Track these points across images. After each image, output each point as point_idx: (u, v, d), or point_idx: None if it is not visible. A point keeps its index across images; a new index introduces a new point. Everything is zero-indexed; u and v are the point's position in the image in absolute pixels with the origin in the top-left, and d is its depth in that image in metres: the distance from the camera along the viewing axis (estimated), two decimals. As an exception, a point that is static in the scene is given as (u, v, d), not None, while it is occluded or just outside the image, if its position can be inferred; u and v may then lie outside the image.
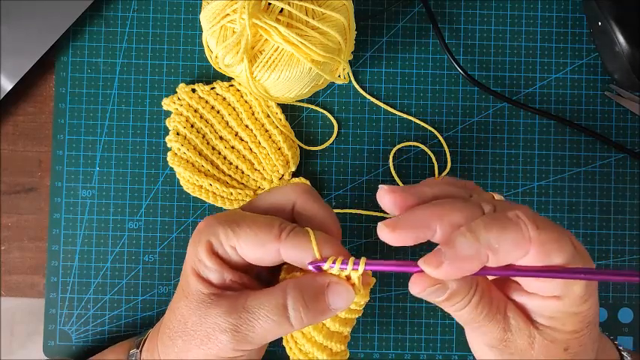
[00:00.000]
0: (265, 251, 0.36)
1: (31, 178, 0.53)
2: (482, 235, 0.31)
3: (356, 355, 0.52)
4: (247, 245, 0.36)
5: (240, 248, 0.36)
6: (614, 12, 0.49)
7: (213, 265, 0.37)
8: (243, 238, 0.36)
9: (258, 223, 0.37)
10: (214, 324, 0.36)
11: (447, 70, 0.53)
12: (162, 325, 0.40)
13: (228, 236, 0.36)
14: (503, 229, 0.31)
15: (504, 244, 0.31)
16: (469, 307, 0.34)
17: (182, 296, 0.37)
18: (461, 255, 0.31)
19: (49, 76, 0.54)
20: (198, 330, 0.36)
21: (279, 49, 0.44)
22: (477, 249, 0.31)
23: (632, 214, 0.53)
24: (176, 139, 0.51)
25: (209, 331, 0.36)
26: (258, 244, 0.36)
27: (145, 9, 0.53)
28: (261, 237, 0.36)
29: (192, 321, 0.37)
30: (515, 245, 0.31)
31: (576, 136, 0.53)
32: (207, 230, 0.37)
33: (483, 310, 0.34)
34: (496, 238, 0.31)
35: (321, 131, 0.53)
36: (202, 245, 0.37)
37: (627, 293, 0.52)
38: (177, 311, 0.37)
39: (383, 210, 0.36)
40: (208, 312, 0.36)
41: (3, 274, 0.53)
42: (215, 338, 0.36)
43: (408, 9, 0.54)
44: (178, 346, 0.38)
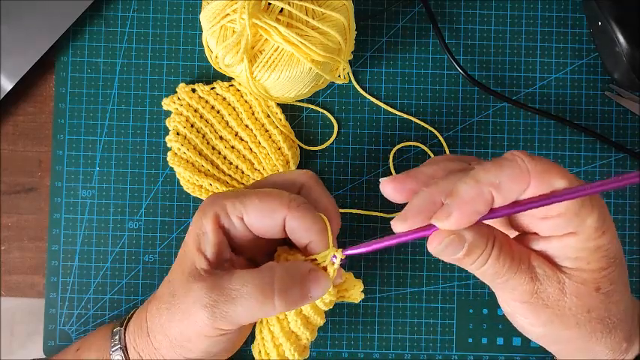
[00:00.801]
0: (273, 219, 0.36)
1: (31, 178, 0.53)
2: (481, 176, 0.32)
3: (356, 355, 0.52)
4: (255, 212, 0.37)
5: (247, 217, 0.37)
6: (614, 12, 0.49)
7: (216, 238, 0.37)
8: (252, 206, 0.37)
9: (267, 192, 0.38)
10: (196, 298, 0.36)
11: (447, 70, 0.53)
12: (154, 296, 0.40)
13: (235, 206, 0.37)
14: (501, 167, 0.32)
15: (505, 180, 0.32)
16: (491, 261, 0.34)
17: (177, 269, 0.38)
18: (465, 199, 0.32)
19: (49, 76, 0.54)
20: (182, 304, 0.36)
21: (279, 49, 0.44)
22: (478, 189, 0.32)
23: (632, 214, 0.53)
24: (176, 139, 0.51)
25: (190, 305, 0.36)
26: (267, 210, 0.36)
27: (145, 9, 0.53)
28: (269, 204, 0.37)
29: (179, 293, 0.37)
30: (515, 178, 0.32)
31: (576, 136, 0.53)
32: (215, 203, 0.38)
33: (505, 262, 0.34)
34: (495, 175, 0.32)
35: (321, 131, 0.53)
36: (208, 217, 0.37)
37: (627, 293, 0.52)
38: (170, 283, 0.38)
39: (383, 210, 0.36)
40: (193, 286, 0.36)
41: (3, 274, 0.53)
42: (195, 313, 0.36)
43: (408, 9, 0.54)
44: (164, 318, 0.38)
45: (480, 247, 0.33)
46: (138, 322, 0.41)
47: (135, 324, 0.42)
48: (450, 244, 0.33)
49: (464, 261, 0.34)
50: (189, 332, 0.37)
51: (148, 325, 0.40)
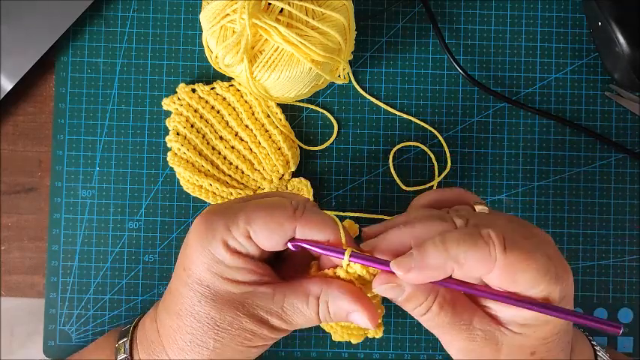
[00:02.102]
0: (282, 232, 0.35)
1: (31, 178, 0.53)
2: (453, 248, 0.33)
3: (356, 355, 0.52)
4: (262, 228, 0.35)
5: (254, 234, 0.35)
6: (614, 12, 0.49)
7: (238, 263, 0.36)
8: (257, 222, 0.35)
9: (268, 203, 0.36)
10: (258, 321, 0.36)
11: (447, 70, 0.53)
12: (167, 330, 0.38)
13: (239, 226, 0.35)
14: (472, 246, 0.33)
15: (470, 261, 0.33)
16: (430, 314, 0.35)
17: (205, 300, 0.36)
18: (429, 264, 0.33)
19: (49, 76, 0.54)
20: (237, 328, 0.36)
21: (279, 49, 0.44)
22: (444, 260, 0.33)
23: (632, 214, 0.53)
24: (176, 139, 0.51)
25: (253, 327, 0.36)
26: (275, 225, 0.35)
27: (145, 9, 0.53)
28: (276, 216, 0.35)
29: (227, 321, 0.36)
30: (479, 263, 0.33)
31: (576, 136, 0.53)
32: (216, 228, 0.36)
33: (446, 317, 0.35)
34: (464, 253, 0.33)
35: (321, 131, 0.53)
36: (218, 246, 0.36)
37: (627, 293, 0.52)
38: (201, 315, 0.36)
39: (383, 211, 0.37)
40: (249, 310, 0.36)
41: (3, 274, 0.53)
42: (259, 331, 0.36)
43: (408, 9, 0.54)
44: (210, 347, 0.37)
45: (420, 299, 0.35)
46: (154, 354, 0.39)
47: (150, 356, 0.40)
48: (391, 289, 0.35)
49: (405, 305, 0.36)
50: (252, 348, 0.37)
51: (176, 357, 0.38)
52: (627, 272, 0.52)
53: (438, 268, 0.33)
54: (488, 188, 0.53)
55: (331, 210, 0.53)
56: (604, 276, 0.52)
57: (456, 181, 0.53)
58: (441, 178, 0.52)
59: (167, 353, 0.38)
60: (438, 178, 0.52)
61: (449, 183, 0.53)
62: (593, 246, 0.52)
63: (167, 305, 0.39)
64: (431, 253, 0.33)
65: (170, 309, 0.38)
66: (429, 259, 0.33)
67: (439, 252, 0.33)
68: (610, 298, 0.52)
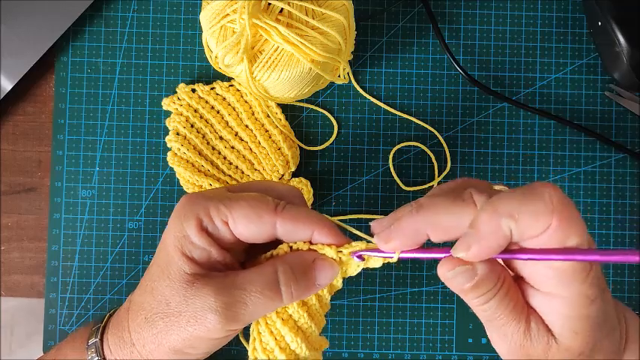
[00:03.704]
0: (261, 225, 0.35)
1: (31, 178, 0.53)
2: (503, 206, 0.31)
3: (356, 355, 0.52)
4: (242, 218, 0.35)
5: (233, 223, 0.36)
6: (614, 12, 0.49)
7: (202, 242, 0.36)
8: (238, 211, 0.35)
9: (252, 196, 0.36)
10: (203, 304, 0.35)
11: (447, 70, 0.53)
12: (134, 306, 0.39)
13: (219, 210, 0.35)
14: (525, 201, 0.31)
15: (525, 216, 0.31)
16: (495, 300, 0.33)
17: (162, 276, 0.36)
18: (485, 234, 0.31)
19: (49, 76, 0.54)
20: (184, 310, 0.36)
21: (279, 49, 0.44)
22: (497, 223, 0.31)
23: (632, 214, 0.53)
24: (176, 139, 0.51)
25: (197, 311, 0.35)
26: (255, 217, 0.35)
27: (145, 9, 0.53)
28: (257, 209, 0.35)
29: (175, 301, 0.36)
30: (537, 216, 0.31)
31: (576, 136, 0.53)
32: (195, 206, 0.36)
33: (509, 306, 0.33)
34: (517, 207, 0.31)
35: (321, 131, 0.53)
36: (190, 221, 0.36)
37: (627, 293, 0.52)
38: (157, 291, 0.36)
39: (384, 211, 0.36)
40: (196, 292, 0.35)
41: (3, 274, 0.53)
42: (204, 318, 0.35)
43: (408, 9, 0.54)
44: (158, 328, 0.37)
45: (489, 284, 0.33)
46: (118, 333, 0.40)
47: (114, 335, 0.40)
48: (461, 273, 0.33)
49: (469, 293, 0.33)
50: (193, 338, 0.36)
51: (133, 336, 0.38)
52: (627, 272, 0.52)
53: (496, 232, 0.31)
54: (488, 188, 0.53)
55: (331, 210, 0.53)
56: (604, 276, 0.52)
57: (456, 181, 0.53)
58: (441, 178, 0.52)
59: (129, 328, 0.39)
60: (438, 177, 0.52)
61: (449, 183, 0.53)
62: (593, 246, 0.52)
63: (140, 283, 0.39)
64: (483, 221, 0.31)
65: (140, 284, 0.39)
66: (484, 226, 0.31)
67: (490, 215, 0.31)
68: (610, 298, 0.52)
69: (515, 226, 0.31)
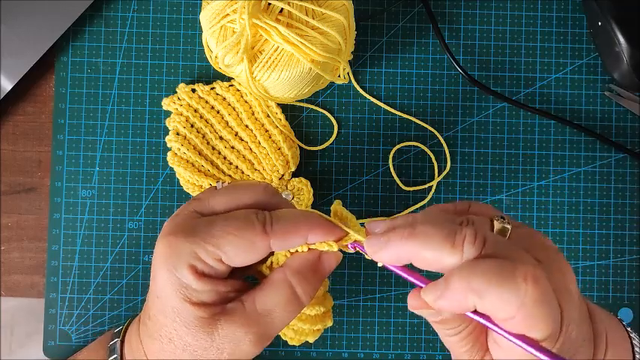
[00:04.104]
0: (255, 251, 0.35)
1: (31, 178, 0.53)
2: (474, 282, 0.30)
3: (356, 355, 0.52)
4: (235, 251, 0.34)
5: (226, 257, 0.35)
6: (614, 12, 0.49)
7: (205, 286, 0.35)
8: (228, 246, 0.34)
9: (236, 224, 0.35)
10: (235, 338, 0.35)
11: (447, 70, 0.53)
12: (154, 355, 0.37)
13: (208, 251, 0.34)
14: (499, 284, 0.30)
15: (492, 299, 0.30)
16: (457, 337, 0.35)
17: (177, 326, 0.35)
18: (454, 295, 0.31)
19: (49, 76, 0.54)
20: (214, 349, 0.35)
21: (279, 49, 0.44)
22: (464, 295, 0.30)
23: (632, 214, 0.53)
24: (176, 139, 0.51)
25: (230, 345, 0.35)
26: (247, 245, 0.34)
27: (145, 9, 0.53)
28: (247, 238, 0.34)
29: (202, 346, 0.35)
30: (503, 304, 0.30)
31: (576, 136, 0.53)
32: (182, 252, 0.34)
33: (467, 345, 0.34)
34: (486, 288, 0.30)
35: (321, 131, 0.53)
36: (184, 270, 0.34)
37: (627, 293, 0.52)
38: (178, 340, 0.36)
39: (384, 212, 0.36)
40: (223, 331, 0.35)
41: (3, 274, 0.53)
42: (239, 350, 0.35)
43: (408, 9, 0.54)
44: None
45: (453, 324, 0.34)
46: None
47: None
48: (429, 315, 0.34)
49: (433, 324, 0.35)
50: None
51: None
52: (627, 272, 0.52)
53: (462, 301, 0.31)
54: (488, 188, 0.53)
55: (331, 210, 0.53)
56: (604, 276, 0.52)
57: (456, 181, 0.53)
58: (440, 178, 0.52)
59: None
60: (438, 178, 0.52)
61: (449, 183, 0.53)
62: (593, 246, 0.52)
63: (149, 330, 0.38)
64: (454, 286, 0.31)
65: (152, 334, 0.37)
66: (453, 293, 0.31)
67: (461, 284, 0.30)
68: (610, 298, 0.52)
69: (480, 304, 0.30)
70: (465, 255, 0.31)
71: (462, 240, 0.31)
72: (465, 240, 0.31)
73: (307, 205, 0.51)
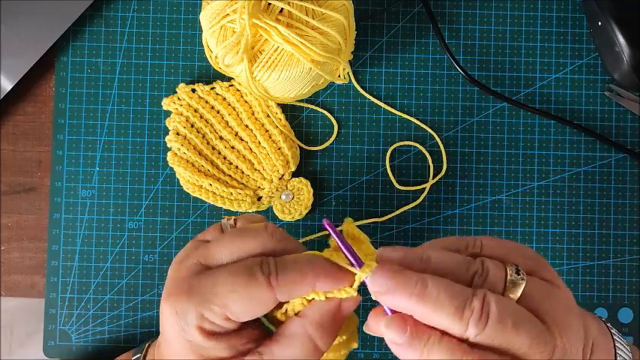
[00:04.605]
0: (261, 305, 0.34)
1: (31, 178, 0.53)
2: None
3: (356, 355, 0.52)
4: (241, 309, 0.33)
5: (233, 315, 0.34)
6: (614, 12, 0.49)
7: (219, 344, 0.34)
8: (233, 304, 0.33)
9: (239, 279, 0.34)
10: None
11: (447, 70, 0.53)
12: None
13: (214, 311, 0.33)
14: None
15: None
16: None
17: None
18: None
19: (49, 76, 0.54)
20: None
21: (279, 49, 0.44)
22: None
23: (632, 214, 0.53)
24: (176, 139, 0.51)
25: None
26: (253, 304, 0.34)
27: (145, 9, 0.53)
28: (251, 295, 0.33)
29: None
30: None
31: (576, 136, 0.53)
32: (187, 315, 0.34)
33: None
34: None
35: (321, 131, 0.53)
36: (194, 332, 0.34)
37: (627, 293, 0.52)
38: None
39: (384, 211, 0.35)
40: None
41: (3, 274, 0.53)
42: None
43: (408, 9, 0.54)
44: None
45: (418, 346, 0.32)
46: None
47: None
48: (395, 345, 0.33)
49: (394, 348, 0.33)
50: None
51: None
52: (627, 272, 0.52)
53: None
54: (488, 188, 0.53)
55: (331, 210, 0.53)
56: (604, 276, 0.52)
57: (455, 181, 0.53)
58: (435, 180, 0.52)
59: None
60: (433, 180, 0.52)
61: (448, 183, 0.53)
62: (593, 246, 0.52)
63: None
64: None
65: None
66: None
67: None
68: (610, 298, 0.52)
69: None
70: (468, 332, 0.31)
71: (469, 315, 0.31)
72: (472, 316, 0.31)
73: (307, 205, 0.51)
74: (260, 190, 0.52)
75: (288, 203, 0.52)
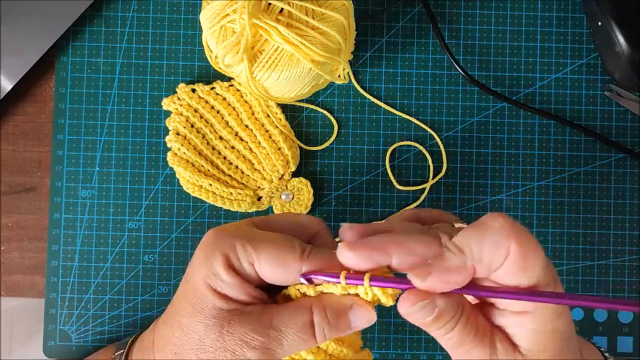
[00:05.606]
0: (286, 270, 0.35)
1: (31, 178, 0.53)
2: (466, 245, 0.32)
3: (356, 355, 0.52)
4: (268, 263, 0.35)
5: (259, 265, 0.35)
6: (614, 12, 0.49)
7: (233, 280, 0.35)
8: (265, 255, 0.35)
9: (279, 240, 0.36)
10: (241, 342, 0.35)
11: (447, 70, 0.53)
12: (161, 340, 0.38)
13: (247, 251, 0.35)
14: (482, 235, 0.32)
15: (487, 250, 0.32)
16: (458, 328, 0.34)
17: (194, 312, 0.36)
18: (448, 267, 0.32)
19: (49, 76, 0.54)
20: (220, 347, 0.35)
21: (279, 49, 0.44)
22: (462, 261, 0.32)
23: (632, 214, 0.53)
24: (176, 139, 0.51)
25: (235, 348, 0.35)
26: (281, 262, 0.35)
27: (145, 9, 0.53)
28: (284, 255, 0.35)
29: (211, 338, 0.35)
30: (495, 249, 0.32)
31: (576, 136, 0.53)
32: (222, 243, 0.36)
33: (471, 332, 0.34)
34: (478, 245, 0.32)
35: (321, 131, 0.53)
36: (218, 259, 0.35)
37: (627, 293, 0.52)
38: (188, 327, 0.36)
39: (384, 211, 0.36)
40: (233, 329, 0.35)
41: (3, 274, 0.53)
42: (242, 355, 0.35)
43: (408, 9, 0.54)
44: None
45: (450, 313, 0.34)
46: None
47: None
48: (421, 309, 0.33)
49: (431, 326, 0.34)
50: None
51: None
52: (627, 272, 0.52)
53: (459, 271, 0.32)
54: (488, 188, 0.53)
55: (331, 210, 0.53)
56: (604, 276, 0.52)
57: (455, 181, 0.53)
58: (435, 180, 0.52)
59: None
60: (432, 180, 0.52)
61: (448, 183, 0.53)
62: (593, 246, 0.52)
63: (165, 315, 0.39)
64: (448, 256, 0.32)
65: (166, 318, 0.38)
66: (448, 263, 0.32)
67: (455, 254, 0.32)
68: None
69: (478, 263, 0.32)
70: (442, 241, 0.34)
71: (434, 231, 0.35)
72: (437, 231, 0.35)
73: (307, 205, 0.51)
74: (260, 190, 0.52)
75: (288, 203, 0.52)
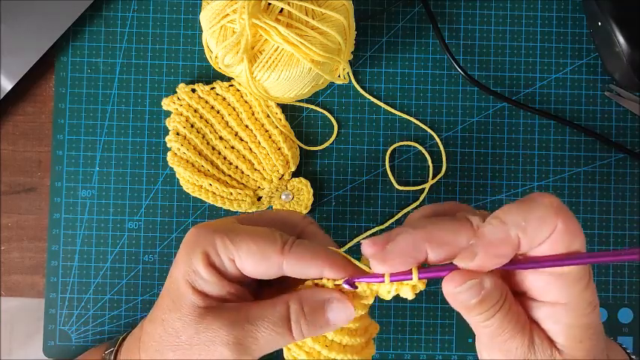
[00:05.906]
0: (267, 265, 0.35)
1: (31, 178, 0.53)
2: (507, 216, 0.31)
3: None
4: (248, 258, 0.35)
5: (239, 261, 0.35)
6: (614, 12, 0.49)
7: (211, 277, 0.35)
8: (244, 249, 0.35)
9: (259, 234, 0.36)
10: (215, 337, 0.35)
11: (447, 70, 0.53)
12: (145, 336, 0.38)
13: (227, 247, 0.35)
14: (529, 208, 0.31)
15: (532, 222, 0.31)
16: (499, 315, 0.33)
17: (173, 308, 0.36)
18: (492, 240, 0.31)
19: (49, 76, 0.54)
20: (196, 343, 0.36)
21: (279, 49, 0.44)
22: (505, 231, 0.31)
23: (632, 214, 0.53)
24: (176, 139, 0.51)
25: (209, 344, 0.35)
26: (261, 257, 0.35)
27: (145, 9, 0.53)
28: (263, 249, 0.35)
29: (187, 334, 0.36)
30: (542, 222, 0.31)
31: (576, 136, 0.53)
32: (202, 240, 0.36)
33: (512, 320, 0.33)
34: (523, 217, 0.31)
35: (321, 131, 0.53)
36: (198, 256, 0.35)
37: (627, 293, 0.52)
38: (167, 324, 0.36)
39: (383, 211, 0.36)
40: (208, 325, 0.35)
41: (3, 274, 0.53)
42: (215, 351, 0.35)
43: (408, 9, 0.54)
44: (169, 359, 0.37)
45: (495, 297, 0.33)
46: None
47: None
48: (468, 289, 0.32)
49: (474, 309, 0.33)
50: None
51: None
52: (627, 272, 0.52)
53: (504, 242, 0.31)
54: (488, 188, 0.53)
55: (331, 210, 0.53)
56: (604, 276, 0.52)
57: (455, 181, 0.53)
58: (435, 180, 0.52)
59: (140, 356, 0.39)
60: (432, 180, 0.52)
61: (448, 183, 0.53)
62: (593, 246, 0.52)
63: (151, 312, 0.39)
64: (490, 231, 0.31)
65: (152, 316, 0.38)
66: (490, 237, 0.31)
67: (496, 226, 0.31)
68: (610, 298, 0.52)
69: (522, 233, 0.31)
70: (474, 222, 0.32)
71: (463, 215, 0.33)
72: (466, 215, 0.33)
73: (307, 205, 0.51)
74: (260, 190, 0.52)
75: (288, 203, 0.52)
